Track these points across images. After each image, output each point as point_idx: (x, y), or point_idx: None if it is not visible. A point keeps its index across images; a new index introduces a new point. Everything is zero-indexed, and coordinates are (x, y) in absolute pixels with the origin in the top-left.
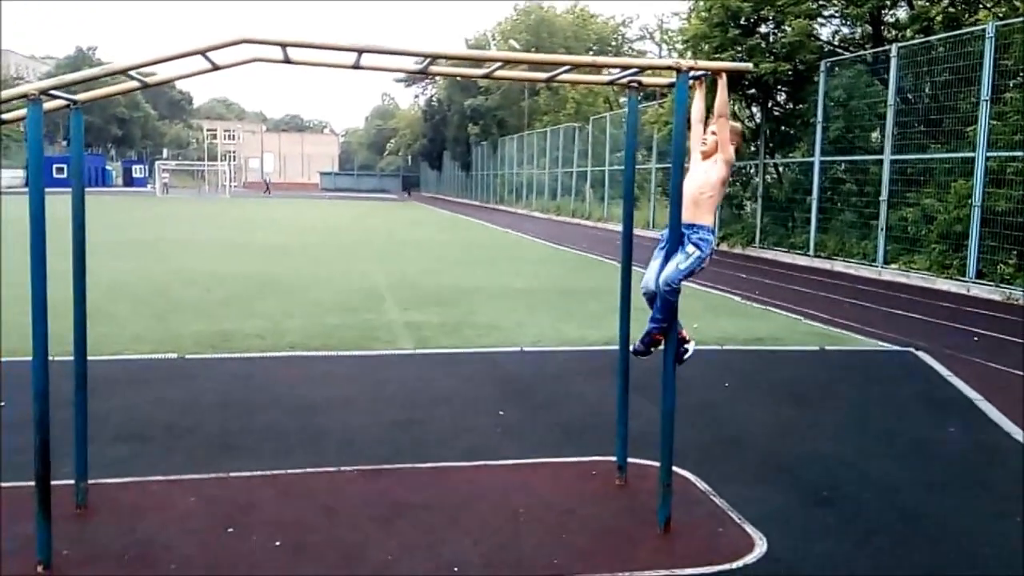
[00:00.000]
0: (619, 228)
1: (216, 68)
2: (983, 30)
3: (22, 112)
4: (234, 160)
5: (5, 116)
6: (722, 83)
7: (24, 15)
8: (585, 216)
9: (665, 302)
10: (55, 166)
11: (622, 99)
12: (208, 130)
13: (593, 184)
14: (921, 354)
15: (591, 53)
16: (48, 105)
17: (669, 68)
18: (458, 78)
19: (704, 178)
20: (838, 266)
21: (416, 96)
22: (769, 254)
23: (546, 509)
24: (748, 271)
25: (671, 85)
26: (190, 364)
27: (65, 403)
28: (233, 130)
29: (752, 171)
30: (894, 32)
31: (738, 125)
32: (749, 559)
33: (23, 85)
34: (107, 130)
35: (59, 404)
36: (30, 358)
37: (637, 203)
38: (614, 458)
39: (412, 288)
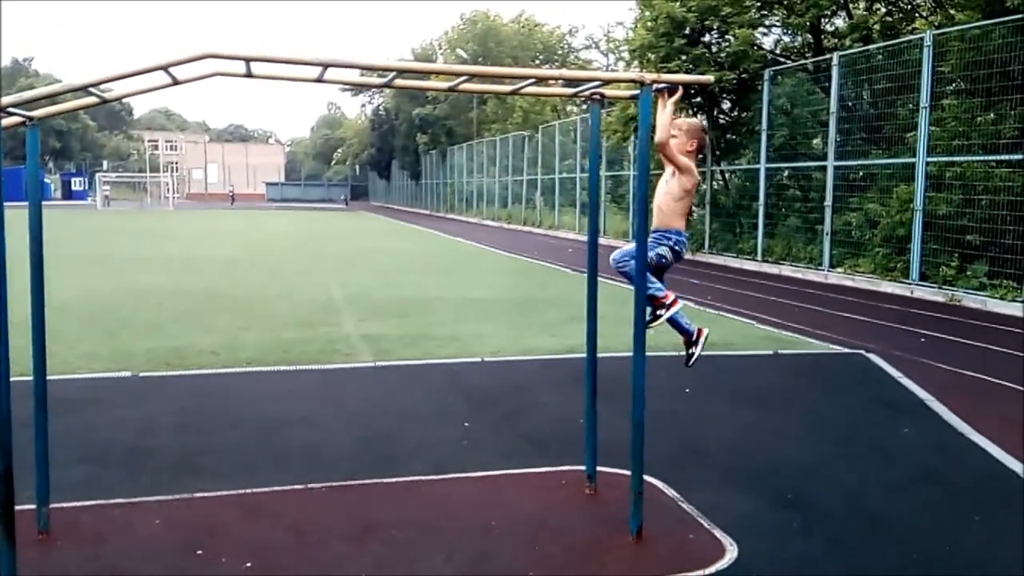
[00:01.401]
0: (569, 236)
1: (177, 83)
2: (921, 38)
3: None
4: (177, 171)
5: None
6: (673, 99)
7: None
8: (536, 224)
9: (627, 276)
10: None
11: (569, 107)
12: (149, 141)
13: (544, 192)
14: (872, 356)
15: (537, 62)
16: (5, 122)
17: (633, 81)
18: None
19: (665, 188)
20: (786, 270)
21: (363, 105)
22: (718, 259)
23: (517, 521)
24: (699, 276)
25: (633, 97)
26: (145, 382)
27: (21, 425)
28: (175, 141)
29: (699, 178)
30: (834, 41)
31: (696, 121)
32: (721, 565)
33: None
34: (44, 142)
35: (16, 425)
36: None
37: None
38: (582, 467)
39: (368, 300)
